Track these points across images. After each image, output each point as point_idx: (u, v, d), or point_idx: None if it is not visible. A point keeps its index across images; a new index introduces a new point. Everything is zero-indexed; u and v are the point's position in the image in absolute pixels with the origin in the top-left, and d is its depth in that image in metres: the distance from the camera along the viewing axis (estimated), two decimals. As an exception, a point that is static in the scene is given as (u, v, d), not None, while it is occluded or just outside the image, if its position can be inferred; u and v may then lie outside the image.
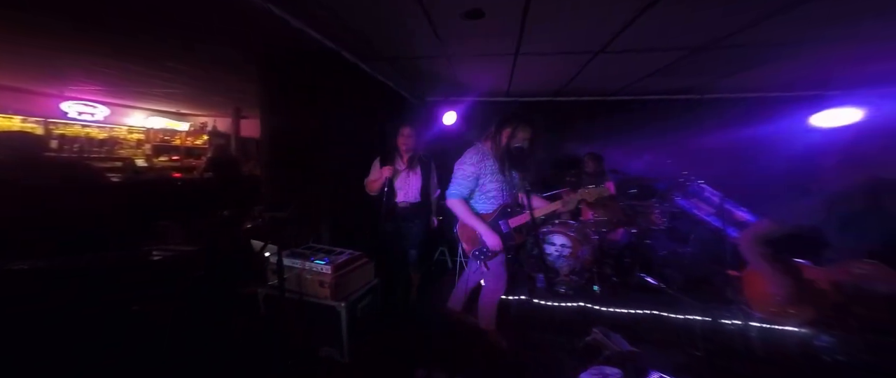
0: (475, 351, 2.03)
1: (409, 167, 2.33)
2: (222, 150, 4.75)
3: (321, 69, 2.24)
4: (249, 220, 2.59)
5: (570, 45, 2.18)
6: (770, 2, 1.45)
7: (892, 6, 1.46)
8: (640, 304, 2.41)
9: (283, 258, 1.51)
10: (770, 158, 3.01)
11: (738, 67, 2.42)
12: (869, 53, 2.07)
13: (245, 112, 5.18)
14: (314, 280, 1.70)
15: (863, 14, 1.55)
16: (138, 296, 1.76)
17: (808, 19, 1.61)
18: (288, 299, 1.62)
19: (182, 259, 2.04)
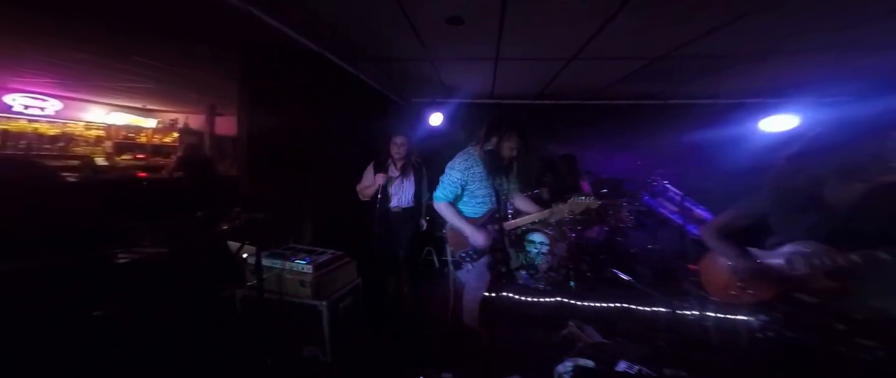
0: (459, 347, 2.09)
1: (402, 174, 2.42)
2: (194, 149, 4.55)
3: (303, 69, 2.24)
4: (226, 222, 2.52)
5: (545, 51, 2.31)
6: (712, 18, 1.63)
7: (822, 25, 1.68)
8: (611, 298, 2.57)
9: (261, 259, 1.51)
10: (728, 159, 3.31)
11: (692, 76, 2.66)
12: (805, 66, 2.34)
13: (220, 109, 4.99)
14: (295, 280, 1.70)
15: (800, 31, 1.77)
16: (101, 300, 1.69)
17: (747, 34, 1.82)
18: (267, 300, 1.61)
19: (152, 261, 1.97)
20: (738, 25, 1.68)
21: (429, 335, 2.23)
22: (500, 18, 1.75)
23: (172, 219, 2.48)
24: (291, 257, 1.75)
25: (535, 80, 3.04)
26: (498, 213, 1.81)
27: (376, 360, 1.91)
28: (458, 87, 3.50)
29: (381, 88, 3.50)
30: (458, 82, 3.32)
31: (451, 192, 1.76)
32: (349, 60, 2.64)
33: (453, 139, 4.11)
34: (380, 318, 2.37)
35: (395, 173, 2.40)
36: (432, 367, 1.81)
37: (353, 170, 2.78)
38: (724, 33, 1.78)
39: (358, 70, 2.87)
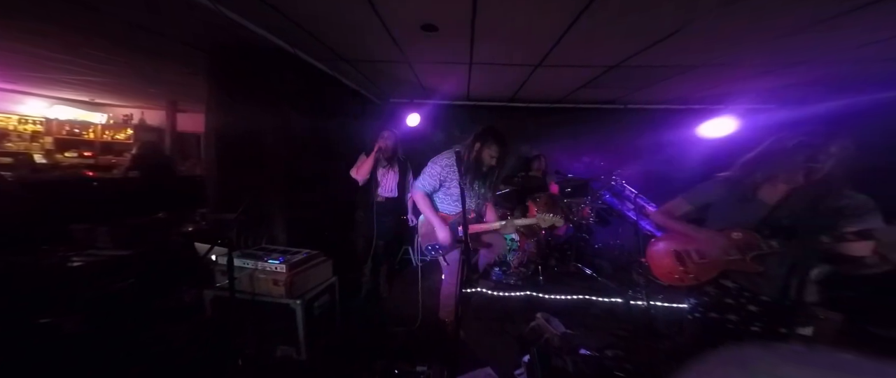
0: (434, 341, 2.19)
1: (389, 164, 2.57)
2: (152, 147, 4.30)
3: (275, 68, 2.25)
4: (190, 223, 2.46)
5: (514, 58, 2.49)
6: (655, 32, 1.87)
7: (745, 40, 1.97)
8: (575, 291, 2.80)
9: (233, 259, 1.52)
10: (682, 159, 3.69)
11: (643, 83, 2.97)
12: (740, 76, 2.69)
13: (183, 105, 4.74)
14: (268, 279, 1.73)
15: (735, 45, 2.05)
16: (47, 306, 1.62)
17: (680, 49, 2.09)
18: (239, 300, 1.63)
19: (108, 264, 1.90)
20: (672, 40, 1.93)
21: (404, 331, 2.31)
22: (471, 26, 1.89)
23: (129, 220, 2.39)
24: (264, 257, 1.78)
25: (506, 83, 3.23)
26: (473, 213, 1.96)
27: (352, 357, 1.97)
28: (435, 89, 3.61)
29: (358, 88, 3.53)
30: (435, 84, 3.43)
31: (429, 184, 1.89)
32: (324, 61, 2.67)
33: (431, 139, 4.24)
34: (356, 313, 2.43)
35: (383, 163, 2.57)
36: (407, 362, 1.91)
37: (329, 169, 2.82)
38: (664, 46, 2.04)
39: (333, 70, 2.90)
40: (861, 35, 1.79)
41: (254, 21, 1.89)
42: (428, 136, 4.23)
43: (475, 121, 4.19)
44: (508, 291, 2.84)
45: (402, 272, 3.50)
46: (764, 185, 1.31)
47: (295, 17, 1.83)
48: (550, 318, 2.47)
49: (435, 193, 1.98)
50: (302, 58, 2.43)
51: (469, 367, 1.95)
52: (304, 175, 2.53)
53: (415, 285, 2.34)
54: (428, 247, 1.91)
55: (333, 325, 2.17)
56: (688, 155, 3.63)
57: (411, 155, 4.46)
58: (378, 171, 2.55)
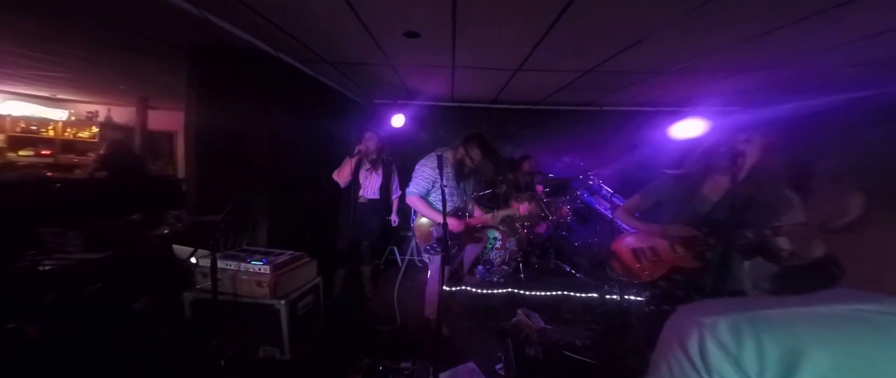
0: (419, 338, 2.27)
1: (372, 166, 2.60)
2: (120, 146, 4.14)
3: (258, 68, 2.26)
4: (166, 225, 2.42)
5: (494, 62, 2.62)
6: (622, 41, 2.04)
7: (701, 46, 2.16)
8: (554, 287, 2.96)
9: (216, 261, 1.55)
10: (655, 159, 3.93)
11: (617, 87, 3.18)
12: (703, 80, 2.93)
13: (156, 103, 4.58)
14: (251, 281, 1.76)
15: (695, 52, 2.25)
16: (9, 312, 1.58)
17: (648, 55, 2.27)
18: (221, 302, 1.65)
19: (77, 268, 1.87)
20: (638, 48, 2.11)
21: (389, 330, 2.39)
22: (452, 34, 1.99)
23: (100, 222, 2.33)
24: (247, 258, 1.80)
25: (489, 85, 3.35)
26: (460, 212, 2.10)
27: (336, 355, 2.02)
28: (419, 90, 3.69)
29: (341, 89, 3.56)
30: (419, 86, 3.51)
31: (423, 187, 2.00)
32: (307, 63, 2.70)
33: (416, 140, 4.31)
34: (341, 313, 2.48)
35: (365, 164, 2.60)
36: (391, 359, 1.98)
37: (312, 170, 2.84)
38: (631, 53, 2.21)
39: (316, 72, 2.93)
40: (814, 42, 1.99)
41: (235, 24, 1.91)
42: (413, 137, 4.31)
43: (460, 122, 4.31)
44: (491, 289, 2.96)
45: (387, 272, 3.57)
46: (705, 180, 1.42)
47: (278, 21, 1.88)
48: (531, 314, 2.60)
49: (428, 195, 2.07)
50: (285, 60, 2.46)
51: (453, 363, 2.04)
52: (287, 176, 2.55)
53: (401, 285, 2.42)
54: (425, 247, 2.01)
55: (318, 325, 2.21)
56: (660, 155, 3.89)
57: (396, 156, 4.53)
58: (360, 174, 2.58)
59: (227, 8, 1.72)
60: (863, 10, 1.57)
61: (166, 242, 2.15)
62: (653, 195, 1.63)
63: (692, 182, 1.46)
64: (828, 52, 2.12)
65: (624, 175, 3.93)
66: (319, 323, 2.23)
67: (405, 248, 3.73)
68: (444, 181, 1.91)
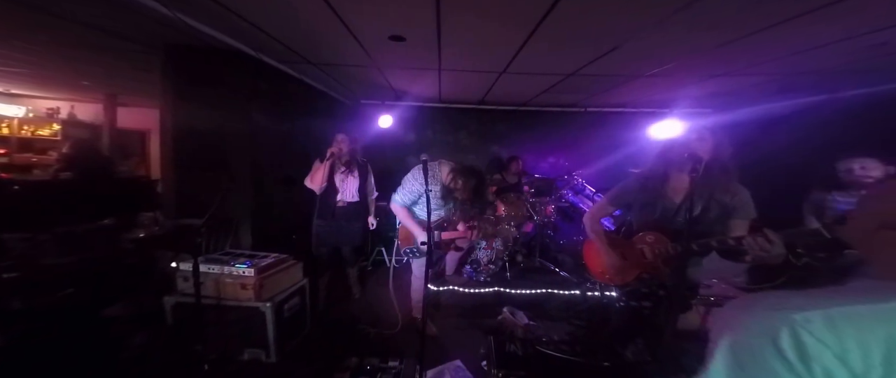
0: (406, 338, 2.31)
1: (347, 169, 2.56)
2: (87, 145, 3.95)
3: (238, 68, 2.25)
4: (141, 228, 2.36)
5: (480, 65, 2.70)
6: (599, 46, 2.17)
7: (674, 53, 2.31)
8: (539, 285, 3.07)
9: (199, 265, 1.55)
10: (636, 158, 4.13)
11: (598, 89, 3.34)
12: (678, 84, 3.13)
13: (125, 99, 4.38)
14: (235, 284, 1.76)
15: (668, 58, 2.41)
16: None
17: (624, 61, 2.43)
18: (204, 306, 1.65)
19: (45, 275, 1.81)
20: (616, 54, 2.24)
21: (377, 330, 2.42)
22: (437, 37, 2.05)
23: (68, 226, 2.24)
24: (231, 262, 1.80)
25: (476, 87, 3.43)
26: (445, 224, 2.18)
27: (323, 356, 2.05)
28: (407, 91, 3.72)
29: (326, 90, 3.55)
30: (406, 87, 3.55)
31: (410, 199, 2.06)
32: (290, 64, 2.69)
33: (404, 140, 4.34)
34: (328, 314, 2.50)
35: (339, 167, 2.56)
36: (378, 358, 2.01)
37: (297, 171, 2.83)
38: (610, 58, 2.35)
39: (300, 73, 2.92)
40: (777, 49, 2.15)
41: (214, 25, 1.90)
42: (401, 138, 4.35)
43: (448, 122, 4.38)
44: (478, 288, 3.04)
45: (375, 273, 3.59)
46: (667, 181, 1.45)
47: (259, 23, 1.89)
48: (515, 312, 2.71)
49: (414, 205, 2.14)
50: (267, 61, 2.45)
51: (440, 360, 2.11)
52: (271, 177, 2.54)
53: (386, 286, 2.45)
54: (405, 250, 2.07)
55: (305, 327, 2.22)
56: (641, 154, 4.11)
57: (384, 157, 4.54)
58: (336, 177, 2.54)
59: (205, 11, 1.72)
60: (816, 21, 1.71)
61: (143, 246, 2.10)
62: (620, 198, 1.67)
63: (655, 183, 1.51)
64: (788, 58, 2.32)
65: (605, 174, 4.12)
66: (306, 324, 2.25)
67: (392, 248, 3.76)
68: (429, 187, 1.96)
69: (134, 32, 2.05)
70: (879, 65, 2.36)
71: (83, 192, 3.04)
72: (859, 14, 1.63)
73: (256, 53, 2.28)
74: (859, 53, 2.15)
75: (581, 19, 1.78)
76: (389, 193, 2.17)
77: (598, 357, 1.71)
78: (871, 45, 2.00)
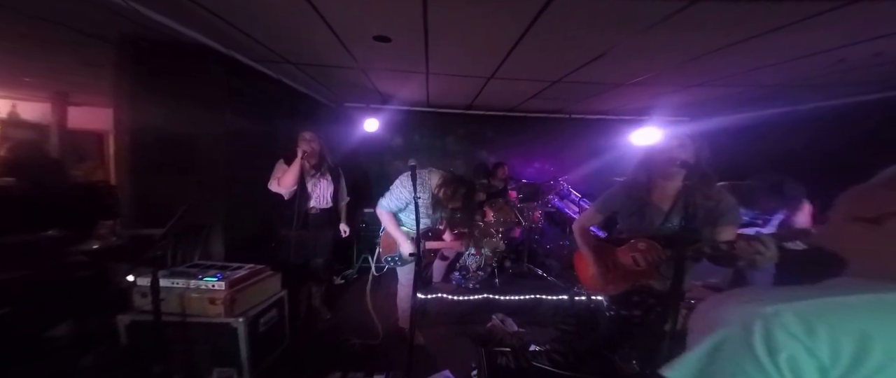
0: (392, 349, 2.23)
1: (317, 172, 2.38)
2: (30, 147, 3.58)
3: (206, 66, 2.11)
4: (96, 239, 2.15)
5: (468, 70, 2.70)
6: (585, 55, 2.23)
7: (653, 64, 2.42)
8: (527, 291, 3.07)
9: (159, 279, 1.41)
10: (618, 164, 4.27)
11: (582, 96, 3.43)
12: (658, 93, 3.27)
13: (77, 98, 4.05)
14: (203, 299, 1.62)
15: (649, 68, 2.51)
16: None
17: (608, 70, 2.51)
18: (167, 323, 1.51)
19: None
20: (600, 62, 2.31)
21: (362, 343, 2.31)
22: (425, 40, 2.03)
23: (7, 237, 2.00)
24: (198, 275, 1.66)
25: (464, 92, 3.44)
26: (430, 233, 2.16)
27: (302, 372, 1.93)
28: (393, 95, 3.67)
29: (308, 92, 3.44)
30: (393, 91, 3.50)
31: (396, 206, 2.00)
32: (267, 63, 2.58)
33: (391, 144, 4.27)
34: (309, 326, 2.36)
35: (311, 171, 2.35)
36: (363, 371, 1.92)
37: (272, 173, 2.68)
38: (594, 67, 2.42)
39: (279, 73, 2.80)
40: (747, 61, 2.27)
41: (177, 18, 1.77)
42: (388, 142, 4.28)
43: (436, 127, 4.36)
44: (467, 295, 3.00)
45: (360, 281, 3.47)
46: (653, 188, 1.46)
47: (229, 17, 1.78)
48: (505, 319, 2.68)
49: (400, 212, 2.08)
50: (240, 59, 2.33)
51: (428, 371, 2.04)
52: (246, 183, 2.38)
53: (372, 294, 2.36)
54: (386, 258, 2.00)
55: (283, 341, 2.10)
56: (623, 160, 4.26)
57: (370, 161, 4.43)
58: (307, 182, 2.33)
59: (165, 1, 1.60)
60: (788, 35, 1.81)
61: (97, 259, 1.91)
62: (607, 206, 1.66)
63: (641, 191, 1.51)
64: (759, 72, 2.48)
65: (590, 180, 4.22)
66: (285, 338, 2.12)
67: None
68: (417, 194, 1.91)
69: (82, 23, 1.86)
70: (839, 80, 2.57)
71: (26, 199, 2.75)
72: (824, 31, 1.76)
73: (228, 51, 2.16)
74: (820, 69, 2.32)
75: (570, 25, 1.80)
76: (376, 199, 2.11)
77: (590, 368, 1.69)
78: (832, 61, 2.16)
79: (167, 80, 2.00)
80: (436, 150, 4.40)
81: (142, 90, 1.98)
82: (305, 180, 2.31)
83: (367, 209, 3.69)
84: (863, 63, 2.17)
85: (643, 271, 1.50)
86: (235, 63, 2.29)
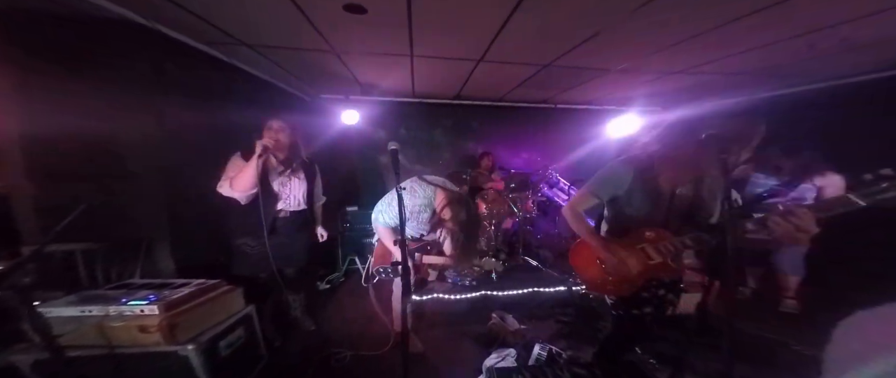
0: (388, 359, 1.91)
1: (287, 169, 1.88)
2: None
3: (130, 46, 1.61)
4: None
5: (456, 51, 2.35)
6: (577, 35, 1.97)
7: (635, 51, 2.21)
8: (524, 285, 2.78)
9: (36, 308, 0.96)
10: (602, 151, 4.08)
11: (569, 85, 3.19)
12: (639, 82, 3.08)
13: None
14: (130, 327, 1.18)
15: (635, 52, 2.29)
16: None
17: (597, 54, 2.27)
18: (74, 360, 1.06)
19: None
20: (590, 43, 2.06)
21: (354, 355, 1.97)
22: (408, 12, 1.66)
23: None
24: (122, 298, 1.22)
25: (451, 79, 3.09)
26: (429, 246, 1.93)
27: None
28: (375, 85, 3.26)
29: (275, 81, 2.96)
30: (374, 79, 3.09)
31: (394, 221, 1.73)
32: (217, 46, 2.09)
33: (374, 138, 3.85)
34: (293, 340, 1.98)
35: (279, 168, 1.86)
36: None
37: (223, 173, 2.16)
38: (584, 49, 2.17)
39: (233, 57, 2.31)
40: (730, 47, 2.13)
41: None
42: (371, 135, 3.85)
43: (423, 118, 3.97)
44: (464, 294, 2.68)
45: (347, 285, 3.07)
46: (663, 172, 1.26)
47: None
48: (505, 316, 2.39)
49: None
50: (178, 40, 1.84)
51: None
52: (196, 187, 1.82)
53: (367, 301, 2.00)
54: (378, 269, 1.67)
55: (259, 361, 1.69)
56: (605, 148, 4.09)
57: (352, 157, 3.98)
58: (273, 181, 1.83)
59: None
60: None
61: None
62: (608, 188, 1.33)
63: (650, 171, 1.27)
64: (732, 58, 2.31)
65: (577, 167, 4.03)
66: (261, 358, 1.70)
67: (364, 257, 3.25)
68: (417, 208, 1.71)
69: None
70: (809, 67, 2.46)
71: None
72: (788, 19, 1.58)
73: (151, 23, 1.66)
74: (793, 54, 2.18)
75: (557, 6, 1.54)
76: (356, 199, 1.77)
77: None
78: (802, 46, 2.01)
79: (68, 68, 1.47)
80: (422, 142, 4.03)
81: (28, 73, 1.39)
82: (270, 179, 1.80)
83: (350, 207, 3.29)
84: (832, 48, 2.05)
85: (658, 265, 1.25)
86: (171, 44, 1.80)
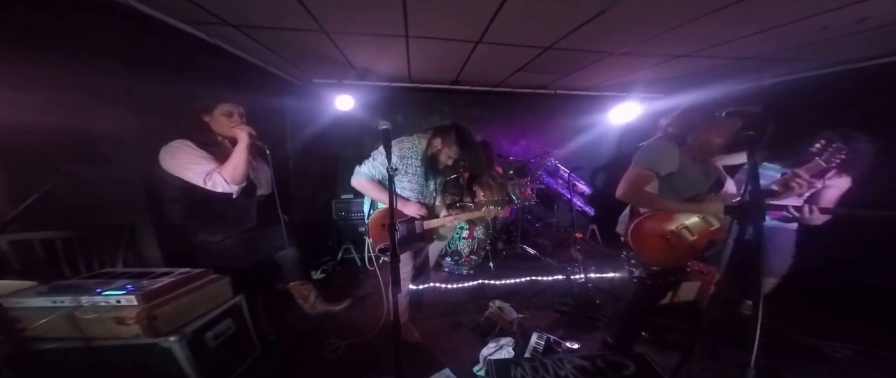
0: (385, 348, 1.85)
1: (254, 152, 1.69)
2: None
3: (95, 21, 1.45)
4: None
5: (454, 32, 2.19)
6: (579, 14, 1.83)
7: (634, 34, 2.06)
8: (522, 273, 2.71)
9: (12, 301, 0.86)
10: (602, 139, 3.95)
11: (570, 69, 3.01)
12: (640, 66, 2.92)
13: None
14: (106, 319, 1.09)
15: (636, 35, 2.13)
16: None
17: (599, 36, 2.12)
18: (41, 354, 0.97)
19: None
20: (594, 24, 1.91)
21: (349, 344, 1.89)
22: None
23: None
24: (95, 289, 1.12)
25: (449, 63, 2.92)
26: (426, 209, 1.74)
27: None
28: (369, 69, 3.09)
29: (264, 65, 2.78)
30: (368, 63, 2.92)
31: (379, 172, 1.57)
32: (198, 25, 1.92)
33: (370, 126, 3.70)
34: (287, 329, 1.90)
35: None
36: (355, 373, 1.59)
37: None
38: (586, 30, 2.02)
39: (215, 38, 2.14)
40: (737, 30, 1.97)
41: None
42: (366, 123, 3.70)
43: (420, 105, 3.81)
44: (461, 282, 2.61)
45: (343, 273, 3.00)
46: (697, 146, 1.32)
47: None
48: (503, 305, 2.32)
49: None
50: (155, 17, 1.68)
51: (426, 371, 1.68)
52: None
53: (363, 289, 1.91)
54: (380, 247, 1.57)
55: (251, 352, 1.62)
56: (607, 134, 3.96)
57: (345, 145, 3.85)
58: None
59: None
60: None
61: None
62: (662, 163, 1.32)
63: (688, 148, 1.32)
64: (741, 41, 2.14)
65: (576, 155, 3.91)
66: (253, 349, 1.63)
67: (361, 244, 3.18)
68: (399, 164, 1.56)
69: None
70: (819, 49, 2.30)
71: None
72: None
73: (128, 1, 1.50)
74: (802, 38, 2.03)
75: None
76: (350, 188, 1.66)
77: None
78: (812, 29, 1.86)
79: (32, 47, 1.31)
80: (419, 129, 3.88)
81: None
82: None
83: (344, 196, 3.18)
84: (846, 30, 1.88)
85: (716, 231, 1.31)
86: (146, 21, 1.64)
